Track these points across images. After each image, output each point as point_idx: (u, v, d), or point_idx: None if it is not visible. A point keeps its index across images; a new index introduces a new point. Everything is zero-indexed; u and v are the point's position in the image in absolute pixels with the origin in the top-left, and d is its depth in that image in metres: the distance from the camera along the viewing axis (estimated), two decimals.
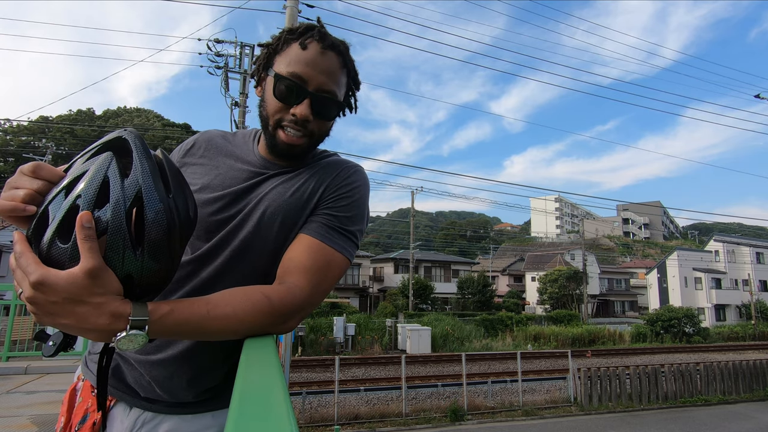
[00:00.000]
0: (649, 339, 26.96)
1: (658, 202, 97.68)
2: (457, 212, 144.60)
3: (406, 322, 23.37)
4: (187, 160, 1.00)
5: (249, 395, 0.50)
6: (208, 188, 0.93)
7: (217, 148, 1.00)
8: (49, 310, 0.55)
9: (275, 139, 0.90)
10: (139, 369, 0.87)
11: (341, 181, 0.94)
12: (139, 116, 65.21)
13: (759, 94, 15.97)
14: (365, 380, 13.71)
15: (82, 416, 0.87)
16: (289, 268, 0.83)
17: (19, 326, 5.88)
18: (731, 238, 46.40)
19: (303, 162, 0.97)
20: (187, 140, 1.04)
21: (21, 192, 0.59)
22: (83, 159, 0.62)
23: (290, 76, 0.86)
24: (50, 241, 0.56)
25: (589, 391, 12.10)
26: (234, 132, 1.05)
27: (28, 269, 0.54)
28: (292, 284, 0.80)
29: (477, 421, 11.03)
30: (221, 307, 0.69)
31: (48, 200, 0.58)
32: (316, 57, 0.87)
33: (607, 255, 68.97)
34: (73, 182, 0.59)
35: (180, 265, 0.75)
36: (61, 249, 0.56)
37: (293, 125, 0.88)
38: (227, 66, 11.78)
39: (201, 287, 0.87)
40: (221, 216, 0.90)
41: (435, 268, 40.11)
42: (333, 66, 0.89)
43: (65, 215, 0.56)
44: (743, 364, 14.04)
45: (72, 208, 0.56)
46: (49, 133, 44.81)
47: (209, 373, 0.87)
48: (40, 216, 0.58)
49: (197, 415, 0.87)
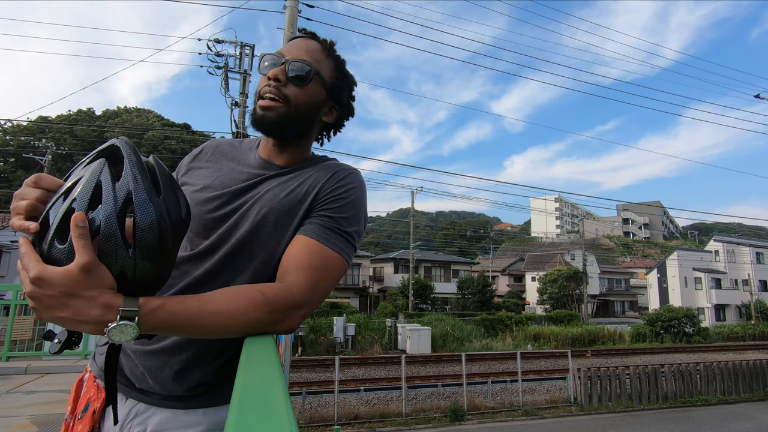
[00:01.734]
0: (649, 339, 26.98)
1: (658, 202, 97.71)
2: (457, 212, 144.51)
3: (406, 322, 23.37)
4: (195, 164, 1.06)
5: (249, 395, 0.50)
6: (209, 188, 0.98)
7: (223, 153, 1.06)
8: (47, 303, 0.59)
9: (255, 110, 0.95)
10: (134, 359, 0.90)
11: (335, 183, 0.94)
12: (139, 116, 65.21)
13: (759, 94, 15.97)
14: (365, 380, 13.72)
15: (84, 404, 0.92)
16: (287, 267, 0.85)
17: (19, 326, 5.88)
18: (731, 238, 46.41)
19: (299, 162, 1.01)
20: (198, 147, 1.12)
21: (24, 203, 0.65)
22: (80, 167, 0.67)
23: (269, 54, 0.97)
24: (50, 242, 0.61)
25: (589, 391, 12.10)
26: (242, 140, 1.11)
27: (29, 266, 0.59)
28: (289, 282, 0.81)
29: (477, 421, 11.04)
30: (214, 302, 0.70)
31: (49, 206, 0.63)
32: (295, 40, 1.00)
33: (607, 255, 68.98)
34: (70, 188, 0.63)
35: (177, 262, 0.77)
36: (60, 249, 0.60)
37: (269, 89, 0.93)
38: (227, 66, 11.78)
39: (196, 284, 0.89)
40: (218, 213, 0.94)
41: (435, 268, 40.12)
42: (311, 46, 0.98)
43: (62, 218, 0.61)
44: (743, 364, 14.04)
45: (68, 211, 0.61)
46: (49, 134, 44.79)
47: (199, 367, 0.88)
48: (42, 220, 0.63)
49: (188, 410, 0.88)
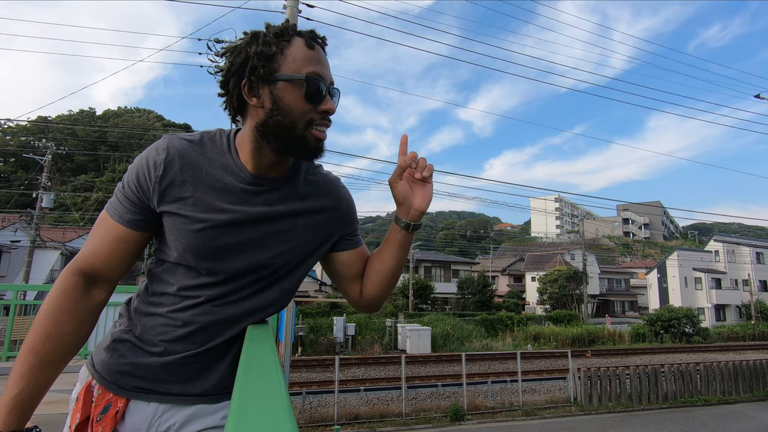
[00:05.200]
0: (648, 339, 26.97)
1: (658, 202, 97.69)
2: (457, 212, 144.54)
3: (406, 322, 23.37)
4: (167, 184, 0.90)
5: (249, 395, 0.50)
6: (205, 221, 0.90)
7: (194, 167, 0.91)
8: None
9: (305, 141, 0.89)
10: (153, 370, 0.92)
11: (349, 205, 1.09)
12: (140, 116, 65.19)
13: (759, 94, 15.95)
14: (365, 380, 13.70)
15: (103, 407, 0.90)
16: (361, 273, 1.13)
17: (19, 326, 5.88)
18: (731, 238, 46.40)
19: (285, 168, 0.97)
20: (153, 157, 0.90)
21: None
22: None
23: (316, 77, 0.88)
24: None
25: (589, 391, 12.10)
26: (201, 138, 0.94)
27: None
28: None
29: (477, 421, 11.03)
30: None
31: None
32: (322, 55, 0.91)
33: (607, 255, 68.95)
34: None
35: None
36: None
37: (324, 121, 0.91)
38: None
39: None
40: (227, 243, 0.92)
41: (435, 268, 40.12)
42: (328, 61, 0.95)
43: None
44: (743, 364, 14.03)
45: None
46: (49, 134, 44.77)
47: (219, 368, 0.96)
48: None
49: (216, 404, 0.95)
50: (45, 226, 25.79)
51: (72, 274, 0.88)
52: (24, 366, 0.82)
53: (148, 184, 0.89)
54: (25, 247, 20.82)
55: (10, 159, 42.58)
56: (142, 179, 0.89)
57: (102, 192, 42.99)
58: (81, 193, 44.04)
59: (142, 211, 0.90)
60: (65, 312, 0.85)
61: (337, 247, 1.07)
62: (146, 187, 0.89)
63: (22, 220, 24.36)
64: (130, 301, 1.00)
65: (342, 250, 1.08)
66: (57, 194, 25.26)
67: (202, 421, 0.93)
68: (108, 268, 0.91)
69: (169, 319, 0.92)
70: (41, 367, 0.82)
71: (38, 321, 0.84)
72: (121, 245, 0.90)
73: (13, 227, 23.83)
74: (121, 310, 1.00)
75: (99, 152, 50.67)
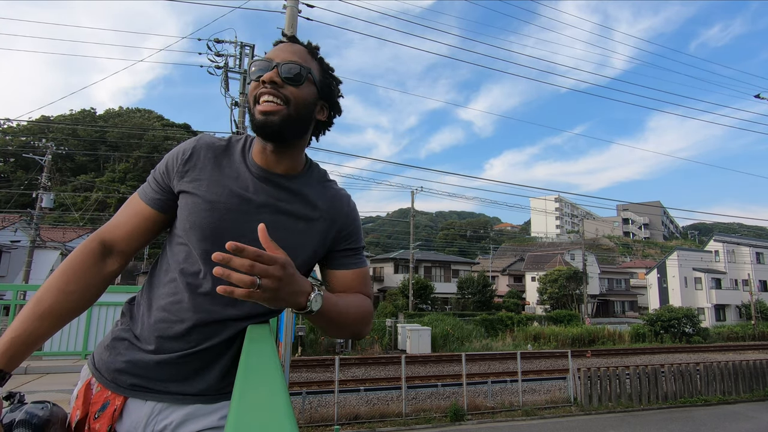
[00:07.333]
0: (648, 339, 26.97)
1: (658, 202, 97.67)
2: (457, 212, 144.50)
3: (406, 322, 23.37)
4: (188, 169, 1.00)
5: (249, 395, 0.51)
6: (214, 203, 0.98)
7: (216, 159, 1.01)
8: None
9: (254, 117, 0.94)
10: (149, 368, 0.93)
11: (352, 220, 1.09)
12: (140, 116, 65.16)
13: (759, 94, 15.95)
14: (365, 380, 13.71)
15: (101, 404, 0.93)
16: (355, 287, 1.09)
17: None
18: (731, 238, 46.37)
19: (297, 169, 1.04)
20: (186, 146, 1.03)
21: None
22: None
23: (259, 60, 0.97)
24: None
25: (589, 391, 12.10)
26: (229, 140, 1.06)
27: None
28: (368, 297, 1.08)
29: (477, 421, 11.04)
30: (352, 306, 0.96)
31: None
32: (279, 45, 1.00)
33: (607, 255, 68.94)
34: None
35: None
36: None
37: (266, 92, 0.92)
38: (227, 66, 11.78)
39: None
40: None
41: (435, 268, 40.11)
42: (296, 48, 0.99)
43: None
44: (743, 364, 14.04)
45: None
46: (49, 134, 44.75)
47: (217, 366, 0.97)
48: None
49: (213, 404, 0.96)
50: (45, 226, 25.79)
51: (92, 241, 0.98)
52: (26, 312, 0.88)
53: (174, 166, 1.00)
54: (25, 247, 20.84)
55: (10, 159, 42.60)
56: (170, 163, 1.01)
57: (102, 192, 42.99)
58: (81, 193, 44.03)
59: (163, 191, 1.01)
60: (77, 272, 0.93)
61: (333, 264, 1.08)
62: (171, 169, 1.00)
63: (22, 220, 24.37)
64: (131, 300, 1.04)
65: (336, 268, 1.07)
66: (57, 194, 25.26)
67: (198, 421, 0.93)
68: (124, 241, 1.00)
69: (166, 313, 0.94)
70: (40, 317, 0.88)
71: (51, 276, 0.92)
72: (140, 221, 1.00)
73: (13, 227, 23.84)
74: (123, 309, 1.04)
75: (99, 152, 50.74)
